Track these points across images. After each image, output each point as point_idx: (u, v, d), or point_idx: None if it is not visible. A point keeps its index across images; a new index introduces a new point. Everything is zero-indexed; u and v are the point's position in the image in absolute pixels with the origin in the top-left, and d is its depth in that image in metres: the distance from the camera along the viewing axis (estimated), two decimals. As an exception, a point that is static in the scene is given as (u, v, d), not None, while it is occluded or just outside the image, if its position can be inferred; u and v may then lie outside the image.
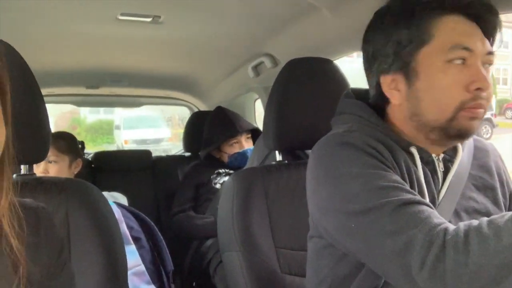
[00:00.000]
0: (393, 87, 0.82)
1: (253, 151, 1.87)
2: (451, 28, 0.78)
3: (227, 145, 2.19)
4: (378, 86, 0.85)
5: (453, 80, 0.76)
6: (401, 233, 0.66)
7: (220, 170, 2.19)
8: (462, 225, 0.64)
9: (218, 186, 2.12)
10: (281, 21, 1.57)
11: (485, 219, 0.64)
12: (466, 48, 0.76)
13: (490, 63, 0.79)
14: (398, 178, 0.75)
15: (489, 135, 11.46)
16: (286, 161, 1.31)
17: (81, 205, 0.95)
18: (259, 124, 2.51)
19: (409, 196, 0.70)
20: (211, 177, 2.17)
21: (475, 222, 0.64)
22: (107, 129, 14.18)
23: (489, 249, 0.59)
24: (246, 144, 2.18)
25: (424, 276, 0.63)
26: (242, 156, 2.12)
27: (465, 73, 0.76)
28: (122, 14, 1.47)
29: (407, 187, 0.74)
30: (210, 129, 2.24)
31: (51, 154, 1.72)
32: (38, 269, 0.66)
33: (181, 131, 2.87)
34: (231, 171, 2.17)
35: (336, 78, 1.22)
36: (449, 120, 0.78)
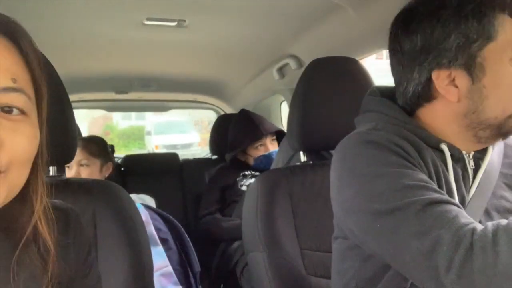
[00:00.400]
0: (448, 82, 0.77)
1: (278, 152, 1.86)
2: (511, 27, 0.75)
3: (252, 148, 2.19)
4: (427, 82, 0.79)
5: None
6: (427, 234, 0.64)
7: (246, 172, 2.19)
8: (490, 224, 0.62)
9: (244, 188, 2.13)
10: (306, 21, 1.57)
11: None
12: None
13: None
14: (424, 176, 0.73)
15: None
16: (311, 162, 1.30)
17: (108, 206, 0.97)
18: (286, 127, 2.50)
19: (436, 195, 0.68)
20: (237, 179, 2.18)
21: (503, 221, 0.62)
22: (138, 134, 14.46)
23: None
24: (271, 146, 2.18)
25: (452, 277, 0.61)
26: (268, 159, 2.12)
27: None
28: (147, 19, 1.50)
29: (434, 185, 0.72)
30: (234, 133, 2.25)
31: (83, 158, 1.77)
32: (67, 270, 0.67)
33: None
34: (257, 173, 2.17)
35: (361, 77, 1.20)
36: (507, 118, 0.76)
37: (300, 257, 1.13)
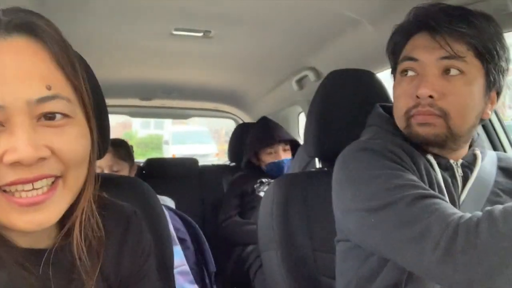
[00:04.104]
0: None
1: (295, 159, 1.92)
2: (409, 45, 0.87)
3: (265, 153, 2.26)
4: None
5: (402, 90, 0.86)
6: (417, 222, 0.70)
7: (263, 180, 2.26)
8: (478, 212, 0.67)
9: (261, 194, 2.18)
10: (325, 35, 1.63)
11: (499, 205, 0.66)
12: (411, 58, 0.84)
13: (447, 67, 0.81)
14: (415, 177, 0.79)
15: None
16: (325, 168, 1.35)
17: (135, 201, 1.01)
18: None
19: (425, 191, 0.74)
20: (255, 186, 2.24)
21: (490, 207, 0.67)
22: (156, 143, 14.55)
23: (498, 232, 0.61)
24: (284, 154, 2.24)
25: (438, 256, 0.65)
26: (278, 166, 2.19)
27: (414, 83, 0.84)
28: (176, 29, 1.58)
29: (424, 185, 0.78)
30: (251, 137, 2.34)
31: (114, 163, 1.79)
32: (118, 273, 0.67)
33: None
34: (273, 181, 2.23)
35: (375, 89, 1.24)
36: (405, 128, 0.87)
37: (313, 257, 1.17)
